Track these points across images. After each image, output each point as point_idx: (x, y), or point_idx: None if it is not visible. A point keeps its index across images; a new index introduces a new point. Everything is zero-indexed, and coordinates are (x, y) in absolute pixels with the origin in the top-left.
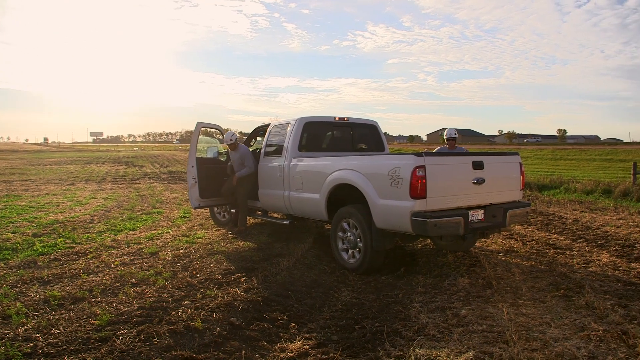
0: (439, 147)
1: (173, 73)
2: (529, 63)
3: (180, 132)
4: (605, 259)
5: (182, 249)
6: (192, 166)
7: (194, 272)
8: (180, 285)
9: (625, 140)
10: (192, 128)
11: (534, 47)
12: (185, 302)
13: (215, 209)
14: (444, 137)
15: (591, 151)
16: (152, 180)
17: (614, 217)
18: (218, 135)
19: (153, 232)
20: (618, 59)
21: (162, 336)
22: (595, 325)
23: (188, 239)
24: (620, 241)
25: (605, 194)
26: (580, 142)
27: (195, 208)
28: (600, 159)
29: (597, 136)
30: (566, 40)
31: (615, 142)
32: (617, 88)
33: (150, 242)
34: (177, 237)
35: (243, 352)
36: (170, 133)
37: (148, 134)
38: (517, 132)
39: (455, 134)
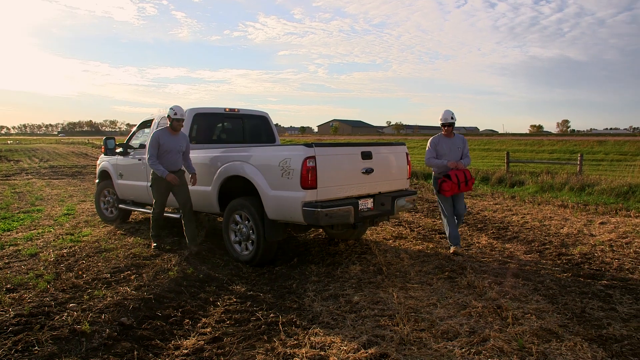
0: (436, 136)
1: (51, 60)
2: (414, 57)
3: (62, 124)
4: (484, 241)
5: (66, 248)
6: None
7: (80, 272)
8: (65, 287)
9: (500, 131)
10: (76, 120)
11: (419, 42)
12: (71, 305)
13: (102, 204)
14: (440, 122)
15: (471, 141)
16: (30, 176)
17: (491, 203)
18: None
19: (32, 231)
20: (492, 57)
21: (43, 344)
22: (475, 303)
23: (73, 237)
24: (497, 224)
25: (484, 181)
26: (462, 132)
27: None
28: (479, 149)
29: (476, 127)
30: (448, 37)
31: (491, 133)
32: (492, 83)
33: (29, 242)
34: (61, 236)
35: (135, 352)
36: (51, 125)
37: (24, 126)
38: (404, 124)
39: (452, 117)
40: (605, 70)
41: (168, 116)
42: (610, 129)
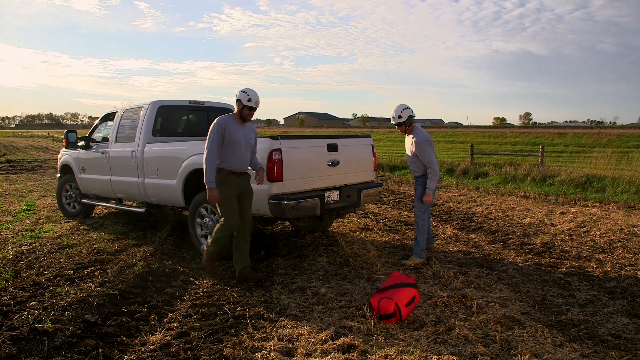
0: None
1: (6, 49)
2: (380, 50)
3: (20, 117)
4: (449, 232)
5: (26, 245)
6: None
7: (41, 270)
8: (25, 285)
9: (465, 124)
10: (35, 112)
11: (384, 35)
12: (32, 303)
13: (64, 199)
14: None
15: (436, 133)
16: None
17: (456, 194)
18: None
19: None
20: (456, 50)
21: (1, 345)
22: (441, 293)
23: (33, 233)
24: (461, 215)
25: (449, 172)
26: (427, 125)
27: None
28: (444, 141)
29: (441, 120)
30: (413, 30)
31: (456, 126)
32: (455, 76)
33: None
34: (20, 233)
35: (100, 350)
36: (8, 117)
37: None
38: (370, 116)
39: (400, 116)
40: (564, 65)
41: (238, 100)
42: (570, 121)
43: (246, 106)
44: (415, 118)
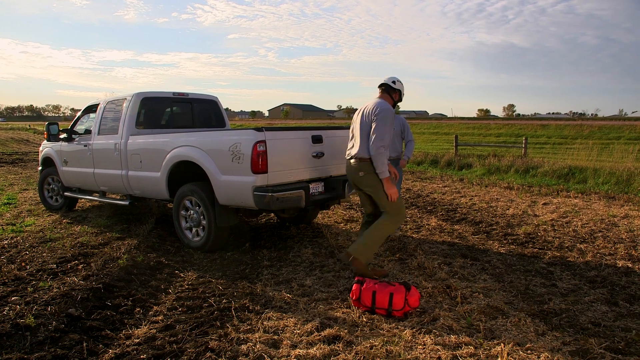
0: None
1: None
2: (364, 42)
3: (0, 109)
4: (434, 223)
5: (6, 239)
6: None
7: (23, 264)
8: (6, 280)
9: (449, 115)
10: (15, 104)
11: (369, 27)
12: (13, 298)
13: (46, 192)
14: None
15: (421, 125)
16: None
17: (440, 185)
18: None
19: None
20: (440, 42)
21: None
22: (426, 283)
23: (14, 227)
24: (446, 206)
25: (433, 164)
26: (412, 117)
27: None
28: (429, 133)
29: (425, 111)
30: (397, 22)
31: (440, 117)
32: (440, 68)
33: None
34: (1, 227)
35: (84, 344)
36: None
37: None
38: (355, 108)
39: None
40: (546, 57)
41: (398, 91)
42: (553, 113)
43: (401, 99)
44: (401, 110)
